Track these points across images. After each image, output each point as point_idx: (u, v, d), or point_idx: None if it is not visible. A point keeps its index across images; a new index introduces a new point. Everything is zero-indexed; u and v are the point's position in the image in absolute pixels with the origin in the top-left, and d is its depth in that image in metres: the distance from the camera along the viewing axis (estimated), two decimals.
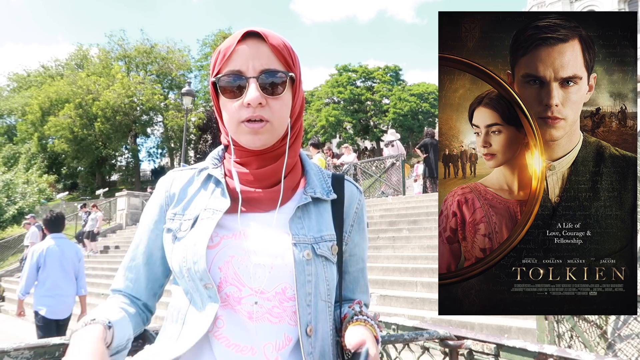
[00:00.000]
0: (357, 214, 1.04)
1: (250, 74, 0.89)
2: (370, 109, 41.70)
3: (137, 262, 1.01)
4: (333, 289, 0.96)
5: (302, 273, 0.89)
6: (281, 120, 0.93)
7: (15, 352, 1.23)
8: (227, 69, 0.91)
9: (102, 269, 12.22)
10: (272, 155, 0.95)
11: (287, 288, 0.89)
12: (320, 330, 0.91)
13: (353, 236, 1.03)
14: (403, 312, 5.52)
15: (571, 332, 2.93)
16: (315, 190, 0.99)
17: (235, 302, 0.87)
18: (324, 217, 0.98)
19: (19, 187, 21.47)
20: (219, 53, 0.93)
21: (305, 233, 0.93)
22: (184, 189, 0.99)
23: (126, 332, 0.89)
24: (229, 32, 37.64)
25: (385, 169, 12.09)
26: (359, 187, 1.08)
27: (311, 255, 0.91)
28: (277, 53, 0.91)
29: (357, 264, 1.05)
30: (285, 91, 0.92)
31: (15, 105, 37.60)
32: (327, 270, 0.94)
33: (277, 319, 0.88)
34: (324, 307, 0.93)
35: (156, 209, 1.00)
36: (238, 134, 0.93)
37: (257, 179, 0.94)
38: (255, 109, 0.88)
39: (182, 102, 19.50)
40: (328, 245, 0.95)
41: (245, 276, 0.88)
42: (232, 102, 0.91)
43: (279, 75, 0.90)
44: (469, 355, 1.59)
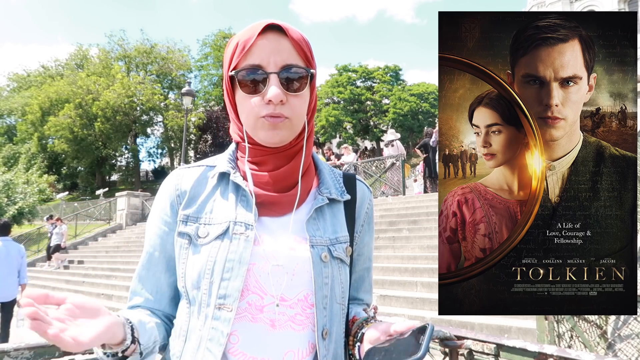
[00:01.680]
0: (367, 214, 1.03)
1: (271, 69, 0.85)
2: (370, 109, 41.67)
3: (155, 270, 0.93)
4: (347, 291, 0.94)
5: (319, 275, 0.87)
6: (299, 117, 0.90)
7: (15, 352, 1.23)
8: (246, 62, 0.86)
9: (102, 269, 12.23)
10: (288, 153, 0.91)
11: (310, 295, 0.87)
12: (334, 333, 0.90)
13: (363, 236, 1.02)
14: (403, 312, 5.52)
15: (571, 332, 2.93)
16: (331, 190, 0.96)
17: (257, 311, 0.84)
18: (338, 218, 0.96)
19: (19, 187, 21.45)
20: (237, 45, 0.88)
21: (322, 235, 0.91)
22: (194, 188, 0.93)
23: (152, 334, 0.85)
24: (229, 32, 37.67)
25: (385, 169, 12.09)
26: (369, 187, 1.07)
27: (328, 258, 0.89)
28: (298, 48, 0.87)
29: (364, 263, 1.04)
30: (305, 88, 0.89)
31: (15, 105, 37.62)
32: (342, 273, 0.92)
33: (300, 326, 0.86)
34: (339, 309, 0.91)
35: (167, 209, 0.93)
36: (256, 130, 0.88)
37: (274, 181, 0.90)
38: (276, 107, 0.85)
39: (182, 102, 19.50)
40: (343, 247, 0.93)
41: (267, 283, 0.85)
42: (251, 97, 0.86)
43: (300, 71, 0.87)
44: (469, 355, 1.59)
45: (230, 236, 0.86)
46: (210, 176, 0.94)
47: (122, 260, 12.29)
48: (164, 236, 0.93)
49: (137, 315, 0.86)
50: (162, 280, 0.93)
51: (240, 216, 0.88)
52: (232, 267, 0.84)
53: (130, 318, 0.82)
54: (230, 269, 0.83)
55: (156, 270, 0.93)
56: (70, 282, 11.60)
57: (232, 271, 0.83)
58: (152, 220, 0.96)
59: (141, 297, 0.93)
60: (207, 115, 32.80)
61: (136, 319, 0.83)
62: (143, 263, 0.95)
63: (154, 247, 0.94)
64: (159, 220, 0.94)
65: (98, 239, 16.30)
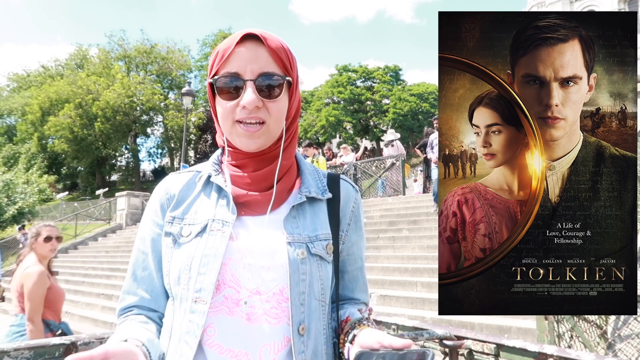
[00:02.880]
0: (353, 213, 1.04)
1: (247, 77, 0.89)
2: (370, 109, 41.70)
3: (149, 271, 0.96)
4: (328, 288, 0.96)
5: (296, 272, 0.89)
6: (277, 122, 0.93)
7: (15, 352, 1.23)
8: (224, 70, 0.91)
9: (102, 269, 12.22)
10: (267, 157, 0.95)
11: (285, 288, 0.89)
12: (313, 329, 0.91)
13: (350, 235, 1.03)
14: (403, 312, 5.52)
15: (571, 332, 2.93)
16: (310, 189, 0.99)
17: (233, 304, 0.87)
18: (319, 217, 0.98)
19: (19, 187, 21.44)
20: (217, 54, 0.93)
21: (300, 232, 0.93)
22: (183, 192, 0.98)
23: (158, 349, 0.88)
24: (229, 32, 37.69)
25: (385, 169, 12.09)
26: (354, 186, 1.08)
27: (305, 254, 0.91)
28: (275, 56, 0.91)
29: (355, 262, 1.05)
30: (282, 94, 0.92)
31: (15, 105, 37.64)
32: (322, 270, 0.94)
33: (275, 319, 0.88)
34: (318, 306, 0.93)
35: (158, 211, 0.98)
36: (233, 136, 0.93)
37: (253, 182, 0.95)
38: (251, 111, 0.89)
39: (182, 102, 19.51)
40: (323, 244, 0.95)
41: (243, 278, 0.88)
42: (227, 102, 0.91)
43: (276, 78, 0.91)
44: (469, 355, 1.59)
45: (207, 233, 0.90)
46: (197, 181, 0.99)
47: (122, 260, 12.28)
48: (156, 237, 0.97)
49: (144, 333, 0.87)
50: (156, 280, 0.96)
51: (219, 214, 0.92)
52: (207, 261, 0.87)
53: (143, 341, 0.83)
54: (206, 263, 0.87)
55: (150, 271, 0.97)
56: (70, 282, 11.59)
57: (207, 265, 0.87)
58: (144, 222, 1.00)
59: (136, 296, 0.96)
60: (207, 115, 32.84)
61: (145, 338, 0.85)
62: (137, 263, 0.98)
63: (147, 247, 0.98)
64: (150, 222, 0.99)
65: (98, 239, 16.30)
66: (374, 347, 0.81)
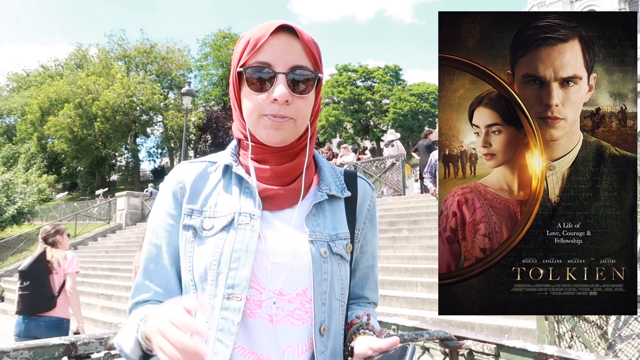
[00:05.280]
0: (369, 211, 1.03)
1: (280, 69, 0.86)
2: (370, 109, 41.69)
3: (162, 264, 0.92)
4: (347, 288, 0.94)
5: (318, 271, 0.87)
6: (303, 119, 0.90)
7: (14, 352, 1.23)
8: (255, 59, 0.87)
9: (102, 269, 12.22)
10: (289, 152, 0.92)
11: (308, 289, 0.87)
12: (333, 329, 0.90)
13: (365, 233, 1.02)
14: (403, 312, 5.52)
15: (571, 333, 2.93)
16: (330, 187, 0.97)
17: (255, 306, 0.84)
18: (339, 215, 0.96)
19: (19, 187, 21.41)
20: (248, 42, 0.88)
21: (321, 230, 0.91)
22: (196, 182, 0.93)
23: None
24: (229, 31, 37.72)
25: (385, 169, 12.09)
26: (371, 184, 1.07)
27: (328, 253, 0.89)
28: (308, 51, 0.88)
29: (367, 260, 1.04)
30: (311, 91, 0.89)
31: (15, 105, 37.62)
32: (342, 269, 0.92)
33: (299, 321, 0.86)
34: (338, 306, 0.91)
35: (172, 202, 0.93)
36: (258, 128, 0.89)
37: (276, 175, 0.91)
38: (281, 107, 0.86)
39: (182, 102, 19.48)
40: (343, 243, 0.93)
41: (265, 278, 0.85)
42: (256, 94, 0.87)
43: (308, 73, 0.88)
44: (469, 355, 1.59)
45: (235, 227, 0.86)
46: (212, 171, 0.95)
47: (122, 260, 12.28)
48: (170, 229, 0.92)
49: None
50: (171, 273, 0.92)
51: (245, 207, 0.88)
52: (239, 256, 0.84)
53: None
54: (237, 258, 0.84)
55: (165, 263, 0.92)
56: None
57: (239, 260, 0.84)
58: (157, 214, 0.95)
59: (150, 291, 0.91)
60: (207, 115, 32.83)
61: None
62: (150, 256, 0.93)
63: (160, 240, 0.93)
64: (163, 213, 0.94)
65: (98, 239, 16.29)
66: (367, 355, 0.82)
